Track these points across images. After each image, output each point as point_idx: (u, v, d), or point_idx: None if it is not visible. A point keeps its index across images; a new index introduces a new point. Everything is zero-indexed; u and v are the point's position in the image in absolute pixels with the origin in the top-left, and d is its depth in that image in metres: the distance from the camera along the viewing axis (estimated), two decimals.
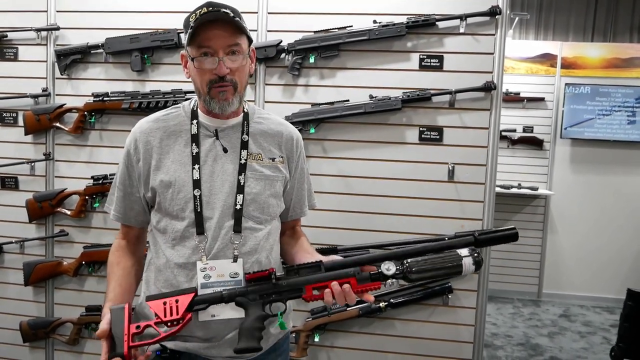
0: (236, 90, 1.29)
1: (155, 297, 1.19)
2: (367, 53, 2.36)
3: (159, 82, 2.49)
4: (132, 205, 1.37)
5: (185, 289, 1.22)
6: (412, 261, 1.18)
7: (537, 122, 4.70)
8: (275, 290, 1.19)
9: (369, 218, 2.41)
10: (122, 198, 1.38)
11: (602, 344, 3.85)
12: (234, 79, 1.27)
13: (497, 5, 2.25)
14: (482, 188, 2.35)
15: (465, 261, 1.16)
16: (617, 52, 4.65)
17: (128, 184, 1.36)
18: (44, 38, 2.57)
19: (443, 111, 2.35)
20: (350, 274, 1.18)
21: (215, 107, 1.29)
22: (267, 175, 1.35)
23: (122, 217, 1.39)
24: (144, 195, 1.35)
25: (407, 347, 2.44)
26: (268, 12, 2.40)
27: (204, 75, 1.26)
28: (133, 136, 1.35)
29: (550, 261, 4.80)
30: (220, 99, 1.27)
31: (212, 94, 1.27)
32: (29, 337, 2.62)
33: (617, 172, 4.68)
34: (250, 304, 1.19)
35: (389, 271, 1.17)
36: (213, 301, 1.20)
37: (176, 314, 1.16)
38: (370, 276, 1.18)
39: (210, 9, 1.24)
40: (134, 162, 1.34)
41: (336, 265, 1.20)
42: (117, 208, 1.38)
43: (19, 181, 2.65)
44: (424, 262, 1.17)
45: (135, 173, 1.35)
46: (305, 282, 1.18)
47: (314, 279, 1.18)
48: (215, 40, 1.23)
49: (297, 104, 2.40)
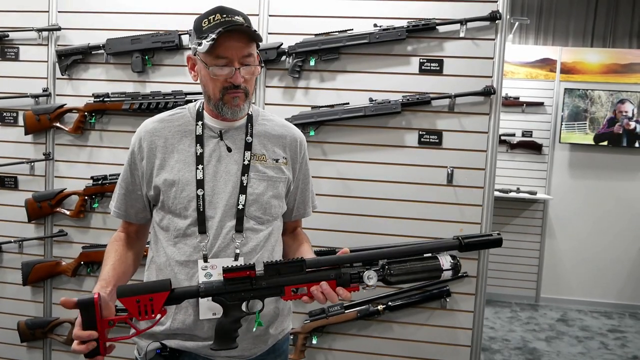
0: (247, 97, 1.32)
1: (126, 292, 1.12)
2: (368, 56, 2.37)
3: (159, 83, 2.49)
4: (133, 203, 1.40)
5: (158, 283, 1.16)
6: (394, 265, 1.18)
7: (536, 126, 4.71)
8: (253, 290, 1.16)
9: (367, 221, 2.41)
10: (123, 195, 1.41)
11: (599, 349, 3.86)
12: (246, 86, 1.30)
13: (497, 10, 2.26)
14: (481, 192, 2.36)
15: (445, 272, 1.18)
16: (617, 57, 4.67)
17: (130, 182, 1.39)
18: (45, 38, 2.57)
19: (442, 115, 2.35)
20: (331, 277, 1.17)
21: (227, 112, 1.31)
22: (270, 176, 1.36)
23: (122, 214, 1.42)
24: (146, 194, 1.37)
25: (405, 350, 2.44)
26: (269, 14, 2.41)
27: (218, 82, 1.28)
28: (138, 135, 1.38)
29: (548, 266, 4.81)
30: (232, 105, 1.30)
31: (225, 99, 1.29)
32: (27, 337, 2.62)
33: (615, 177, 4.69)
34: (227, 302, 1.16)
35: (370, 280, 1.17)
36: (189, 295, 1.17)
37: (151, 313, 1.11)
38: (350, 279, 1.18)
39: (225, 16, 1.25)
40: (137, 160, 1.36)
41: (319, 263, 1.19)
42: (117, 205, 1.42)
43: (19, 181, 2.65)
44: (404, 266, 1.18)
45: (138, 172, 1.37)
46: (284, 283, 1.16)
47: (293, 280, 1.17)
48: (232, 51, 1.25)
49: (297, 106, 2.41)
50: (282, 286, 1.16)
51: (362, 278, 1.17)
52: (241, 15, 1.29)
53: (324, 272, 1.17)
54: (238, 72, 1.26)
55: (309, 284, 1.17)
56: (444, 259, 1.18)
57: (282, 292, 1.16)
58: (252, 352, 1.35)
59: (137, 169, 1.37)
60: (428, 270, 1.18)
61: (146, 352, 1.32)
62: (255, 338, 1.34)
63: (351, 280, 1.18)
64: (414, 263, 1.19)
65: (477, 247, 1.23)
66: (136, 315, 1.11)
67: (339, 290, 1.16)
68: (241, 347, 1.32)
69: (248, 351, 1.34)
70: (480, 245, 1.24)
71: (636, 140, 4.59)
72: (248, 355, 1.35)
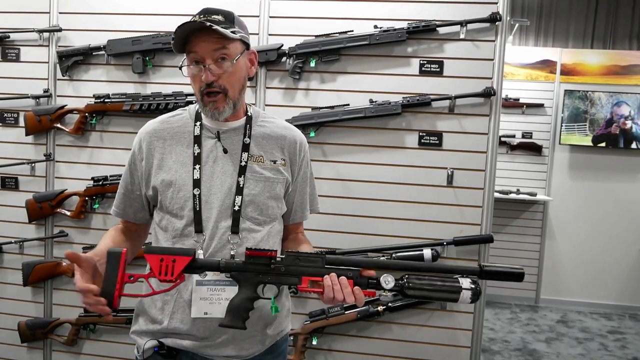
0: (227, 96, 1.30)
1: (154, 251, 1.18)
2: (368, 58, 2.37)
3: (160, 85, 2.50)
4: (132, 202, 1.42)
5: (184, 249, 1.20)
6: (413, 277, 1.17)
7: (536, 128, 4.71)
8: (272, 273, 1.18)
9: (367, 222, 2.41)
10: (122, 195, 1.43)
11: (599, 350, 3.86)
12: (223, 85, 1.28)
13: (497, 11, 2.26)
14: (481, 193, 2.36)
15: (464, 292, 1.15)
16: (617, 59, 4.67)
17: (129, 182, 1.41)
18: (46, 39, 2.57)
19: (442, 116, 2.36)
20: (349, 276, 1.17)
21: (208, 114, 1.32)
22: (267, 177, 1.36)
23: (121, 213, 1.44)
24: (145, 193, 1.39)
25: (405, 351, 2.44)
26: (270, 16, 2.41)
27: (196, 83, 1.29)
28: (139, 137, 1.39)
29: (548, 267, 4.81)
30: (211, 108, 1.30)
31: (204, 101, 1.30)
32: (27, 338, 2.62)
33: (615, 179, 4.69)
34: (244, 281, 1.18)
35: (388, 284, 1.16)
36: (210, 268, 1.20)
37: (171, 274, 1.15)
38: (367, 283, 1.18)
39: (201, 17, 1.26)
40: (137, 161, 1.38)
41: (337, 261, 1.20)
42: (117, 204, 1.44)
43: (19, 181, 2.65)
44: (425, 281, 1.16)
45: (137, 172, 1.39)
46: (303, 273, 1.18)
47: (313, 272, 1.18)
48: (200, 48, 1.25)
49: (298, 107, 2.41)
50: (299, 275, 1.18)
51: (380, 282, 1.16)
52: (223, 14, 1.28)
53: (343, 270, 1.18)
54: (207, 70, 1.25)
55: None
56: (463, 280, 1.17)
57: (299, 281, 1.18)
58: (250, 352, 1.36)
59: (136, 170, 1.39)
60: (447, 290, 1.16)
61: (144, 350, 1.33)
62: (251, 338, 1.34)
63: (368, 283, 1.18)
64: (434, 279, 1.17)
65: (497, 277, 1.18)
66: (156, 273, 1.15)
67: (355, 290, 1.16)
68: (237, 347, 1.33)
69: (245, 351, 1.34)
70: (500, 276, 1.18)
71: (633, 140, 4.60)
72: (245, 355, 1.35)
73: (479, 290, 1.16)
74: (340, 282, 1.16)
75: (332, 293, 1.15)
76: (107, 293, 1.12)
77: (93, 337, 2.63)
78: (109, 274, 1.13)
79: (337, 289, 1.16)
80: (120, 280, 1.13)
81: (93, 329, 2.60)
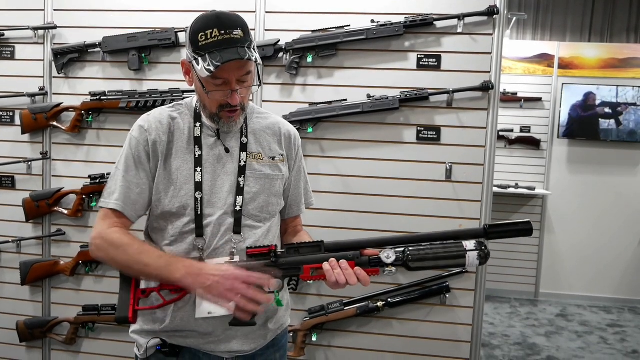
0: (243, 111, 1.31)
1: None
2: (365, 52, 2.36)
3: (156, 81, 2.48)
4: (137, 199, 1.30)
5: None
6: (414, 249, 1.15)
7: (535, 122, 4.71)
8: (275, 267, 1.20)
9: (366, 217, 2.41)
10: (126, 189, 1.30)
11: (599, 344, 3.86)
12: (242, 102, 1.29)
13: (495, 5, 2.25)
14: (480, 188, 2.35)
15: (470, 254, 1.12)
16: (614, 52, 4.66)
17: (134, 175, 1.30)
18: (41, 37, 2.56)
19: (441, 111, 2.35)
20: (349, 257, 1.17)
21: (223, 126, 1.31)
22: (267, 174, 1.36)
23: (122, 206, 1.29)
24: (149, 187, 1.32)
25: (405, 346, 2.44)
26: (266, 11, 2.40)
27: (216, 100, 1.26)
28: (141, 127, 1.32)
29: (548, 261, 4.81)
30: (229, 121, 1.30)
31: (221, 114, 1.29)
32: (26, 337, 2.61)
33: (614, 173, 4.69)
34: None
35: (389, 259, 1.15)
36: None
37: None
38: (369, 261, 1.17)
39: (223, 32, 1.19)
40: (142, 153, 1.30)
41: (337, 247, 1.20)
42: (119, 197, 1.29)
43: (16, 180, 2.64)
44: (426, 251, 1.15)
45: (143, 165, 1.30)
46: (303, 262, 1.19)
47: (313, 259, 1.19)
48: (230, 73, 1.22)
49: (295, 103, 2.40)
50: (300, 264, 1.19)
51: (380, 258, 1.16)
52: (239, 25, 1.22)
53: (342, 253, 1.18)
54: (236, 93, 1.24)
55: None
56: (467, 242, 1.14)
57: (301, 271, 1.19)
58: (252, 347, 1.36)
59: (141, 163, 1.30)
60: (452, 256, 1.13)
61: (147, 349, 1.33)
62: (254, 333, 1.34)
63: (370, 262, 1.17)
64: (435, 246, 1.15)
65: (504, 235, 1.15)
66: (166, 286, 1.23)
67: (357, 270, 1.16)
68: (240, 342, 1.33)
69: (248, 346, 1.34)
70: (507, 234, 1.15)
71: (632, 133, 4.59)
72: (248, 350, 1.35)
73: (487, 251, 1.13)
74: (340, 264, 1.17)
75: (334, 277, 1.16)
76: (122, 309, 1.21)
77: (92, 336, 2.63)
78: (123, 292, 1.23)
79: (338, 272, 1.16)
80: (133, 297, 1.22)
81: (92, 327, 2.59)
